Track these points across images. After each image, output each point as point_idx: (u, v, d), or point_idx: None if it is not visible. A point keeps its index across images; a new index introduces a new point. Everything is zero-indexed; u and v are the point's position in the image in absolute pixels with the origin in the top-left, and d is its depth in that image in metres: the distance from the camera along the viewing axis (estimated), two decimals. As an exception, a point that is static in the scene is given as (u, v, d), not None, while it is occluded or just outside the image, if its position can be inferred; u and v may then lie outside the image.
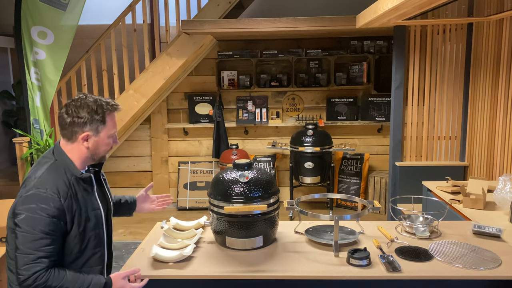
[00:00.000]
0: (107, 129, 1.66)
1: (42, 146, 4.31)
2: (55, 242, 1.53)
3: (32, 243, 1.48)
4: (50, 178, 1.56)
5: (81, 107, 1.61)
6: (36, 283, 1.48)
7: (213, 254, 2.09)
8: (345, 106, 5.45)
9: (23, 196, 1.54)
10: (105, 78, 4.98)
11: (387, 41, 5.23)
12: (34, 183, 1.55)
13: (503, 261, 1.96)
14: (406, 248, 2.10)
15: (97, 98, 1.66)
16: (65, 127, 1.62)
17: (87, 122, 1.61)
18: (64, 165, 1.61)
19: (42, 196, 1.51)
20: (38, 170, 1.60)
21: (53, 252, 1.53)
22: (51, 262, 1.52)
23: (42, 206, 1.50)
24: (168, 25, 4.93)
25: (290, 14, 5.10)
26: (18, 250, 1.49)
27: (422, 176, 3.89)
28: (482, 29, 3.86)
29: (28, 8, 4.20)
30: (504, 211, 2.73)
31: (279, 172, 5.69)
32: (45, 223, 1.49)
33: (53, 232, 1.52)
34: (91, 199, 1.67)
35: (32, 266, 1.48)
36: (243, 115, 5.50)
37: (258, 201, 2.08)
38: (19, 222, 1.50)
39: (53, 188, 1.54)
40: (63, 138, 1.66)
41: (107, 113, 1.65)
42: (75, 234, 1.59)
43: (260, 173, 2.18)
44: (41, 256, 1.49)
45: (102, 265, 1.72)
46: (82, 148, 1.64)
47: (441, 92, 4.19)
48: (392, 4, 2.94)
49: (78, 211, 1.59)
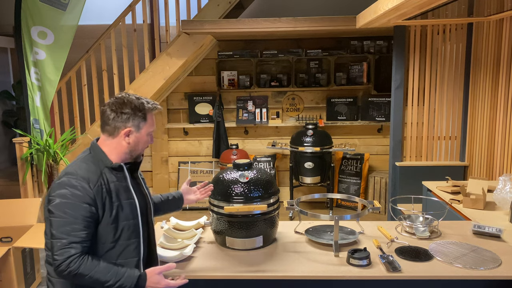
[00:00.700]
0: (147, 127, 1.71)
1: (42, 146, 4.31)
2: (87, 228, 1.56)
3: (64, 228, 1.52)
4: (82, 166, 1.62)
5: (124, 104, 1.66)
6: (69, 269, 1.51)
7: (213, 254, 2.09)
8: (345, 106, 5.45)
9: (55, 183, 1.59)
10: (105, 78, 4.98)
11: (387, 41, 5.23)
12: (66, 170, 1.61)
13: (503, 261, 1.96)
14: (406, 248, 2.10)
15: (140, 97, 1.72)
16: (108, 122, 1.67)
17: (130, 118, 1.66)
18: (97, 157, 1.67)
19: (72, 183, 1.56)
20: (73, 162, 1.68)
21: (85, 238, 1.55)
22: (84, 247, 1.55)
23: (73, 191, 1.55)
24: (168, 25, 4.93)
25: (290, 14, 5.10)
26: (53, 236, 1.53)
27: (422, 176, 3.89)
28: (482, 29, 3.86)
29: (28, 8, 4.20)
30: (504, 211, 2.73)
31: (279, 172, 5.69)
32: (76, 208, 1.54)
33: (85, 217, 1.55)
34: (125, 190, 1.69)
35: (66, 250, 1.51)
36: (243, 115, 5.50)
37: (258, 201, 2.08)
38: (52, 208, 1.55)
39: (83, 175, 1.59)
40: (104, 134, 1.70)
41: (148, 111, 1.70)
42: (107, 221, 1.61)
43: (260, 173, 2.18)
44: (74, 241, 1.52)
45: (138, 257, 1.71)
46: (123, 143, 1.68)
47: (441, 92, 4.19)
48: (392, 4, 2.94)
49: (109, 199, 1.62)
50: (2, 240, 3.41)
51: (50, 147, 4.33)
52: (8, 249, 3.18)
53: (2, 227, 3.45)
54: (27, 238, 3.29)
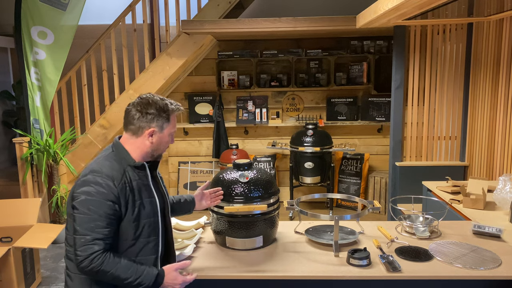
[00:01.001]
0: (170, 127, 1.75)
1: (42, 146, 4.31)
2: (110, 225, 1.58)
3: (88, 224, 1.54)
4: (106, 164, 1.65)
5: (149, 104, 1.70)
6: (92, 265, 1.53)
7: (213, 254, 2.09)
8: (345, 106, 5.45)
9: (80, 180, 1.61)
10: (105, 78, 4.98)
11: (387, 41, 5.23)
12: (91, 168, 1.64)
13: (503, 261, 1.96)
14: (406, 248, 2.10)
15: (162, 97, 1.75)
16: (132, 122, 1.70)
17: (155, 118, 1.69)
18: (120, 155, 1.70)
19: (97, 180, 1.59)
20: (96, 159, 1.70)
21: (108, 235, 1.58)
22: (107, 244, 1.58)
23: (97, 189, 1.57)
24: (168, 25, 4.93)
25: (290, 14, 5.10)
26: (76, 232, 1.56)
27: (422, 176, 3.89)
28: (482, 29, 3.86)
29: (28, 8, 4.20)
30: (504, 211, 2.72)
31: (279, 172, 5.69)
32: (101, 205, 1.56)
33: (108, 214, 1.58)
34: (146, 188, 1.72)
35: (89, 247, 1.53)
36: (243, 115, 5.50)
37: (258, 201, 2.08)
38: (76, 204, 1.57)
39: (108, 172, 1.62)
40: (127, 133, 1.73)
41: (171, 112, 1.74)
42: (129, 219, 1.64)
43: (260, 173, 2.18)
44: (97, 238, 1.55)
45: (156, 255, 1.74)
46: (146, 142, 1.71)
47: (441, 92, 4.19)
48: (392, 4, 2.94)
49: (132, 197, 1.65)
50: (2, 240, 3.41)
51: (50, 147, 4.33)
52: (8, 249, 3.17)
53: (2, 227, 3.45)
54: (27, 238, 3.29)
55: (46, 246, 3.19)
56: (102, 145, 4.97)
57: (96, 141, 4.97)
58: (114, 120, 4.95)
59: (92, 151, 4.98)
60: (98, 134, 4.97)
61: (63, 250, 4.34)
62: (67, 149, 4.66)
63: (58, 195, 4.42)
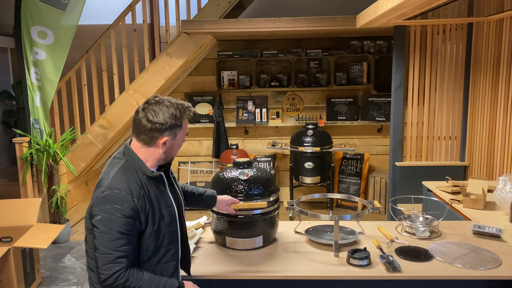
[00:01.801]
0: (182, 132, 1.70)
1: (42, 146, 4.30)
2: (131, 242, 1.56)
3: (110, 244, 1.52)
4: (123, 178, 1.59)
5: (161, 112, 1.61)
6: (116, 283, 1.52)
7: (213, 254, 2.09)
8: (345, 106, 5.45)
9: (98, 198, 1.56)
10: (105, 78, 4.98)
11: (387, 41, 5.23)
12: (108, 184, 1.57)
13: (503, 261, 1.96)
14: (406, 248, 2.10)
15: (173, 101, 1.66)
16: (144, 132, 1.63)
17: (168, 128, 1.63)
18: (135, 165, 1.64)
19: (116, 197, 1.54)
20: (111, 171, 1.63)
21: (130, 252, 1.56)
22: (129, 261, 1.56)
23: (117, 207, 1.53)
24: (168, 25, 4.93)
25: (290, 14, 5.10)
26: (97, 250, 1.54)
27: (422, 176, 3.89)
28: (482, 29, 3.86)
29: (28, 8, 4.20)
30: (504, 211, 2.73)
31: (279, 172, 5.69)
32: (121, 224, 1.53)
33: (129, 232, 1.55)
34: (164, 197, 1.68)
35: (112, 266, 1.52)
36: (243, 115, 5.50)
37: (258, 199, 2.08)
38: (96, 223, 1.54)
39: (126, 188, 1.56)
40: (139, 142, 1.66)
41: (183, 118, 1.67)
42: (150, 232, 1.61)
43: (260, 171, 2.18)
44: (120, 256, 1.52)
45: (176, 260, 1.73)
46: (158, 151, 1.66)
47: (441, 92, 4.19)
48: (392, 4, 2.94)
49: (152, 210, 1.61)
50: (2, 240, 3.41)
51: (50, 147, 4.33)
52: (8, 249, 3.17)
53: (2, 227, 3.45)
54: (27, 238, 3.29)
55: (46, 246, 3.18)
56: (102, 145, 4.97)
57: (96, 141, 4.97)
58: (114, 120, 4.95)
59: (92, 151, 4.98)
60: (98, 134, 4.97)
61: (63, 250, 4.34)
62: (67, 149, 4.65)
63: (58, 195, 4.42)
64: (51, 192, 4.52)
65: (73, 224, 5.00)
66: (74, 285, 3.62)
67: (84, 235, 1.72)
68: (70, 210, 4.87)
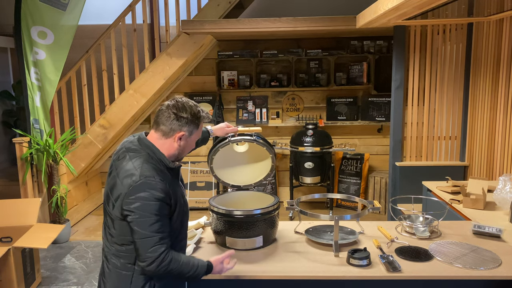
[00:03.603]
0: (197, 134, 1.79)
1: (42, 146, 4.30)
2: (167, 224, 1.66)
3: (151, 227, 1.60)
4: (151, 167, 1.67)
5: (184, 108, 1.72)
6: (162, 264, 1.60)
7: (213, 254, 2.09)
8: (345, 106, 5.45)
9: (132, 186, 1.62)
10: (105, 78, 4.98)
11: (387, 41, 5.23)
12: (140, 172, 1.64)
13: (503, 261, 1.96)
14: (406, 248, 2.10)
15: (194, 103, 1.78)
16: (165, 123, 1.71)
17: (187, 123, 1.72)
18: (156, 157, 1.72)
19: (151, 184, 1.62)
20: (135, 162, 1.69)
21: (167, 233, 1.65)
22: (169, 241, 1.66)
23: (153, 193, 1.61)
24: (168, 25, 4.93)
25: (290, 14, 5.10)
26: (138, 235, 1.60)
27: (422, 176, 3.89)
28: (482, 29, 3.86)
29: (28, 8, 4.20)
30: (504, 211, 2.73)
31: (279, 172, 5.69)
32: (158, 207, 1.61)
33: (165, 214, 1.65)
34: (179, 188, 1.79)
35: (158, 247, 1.60)
36: (243, 115, 5.50)
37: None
38: (135, 209, 1.61)
39: (157, 176, 1.65)
40: (157, 133, 1.73)
41: (201, 120, 1.78)
42: (177, 216, 1.72)
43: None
44: (162, 237, 1.61)
45: (184, 250, 1.84)
46: (174, 145, 1.73)
47: (441, 92, 4.19)
48: (392, 4, 2.94)
49: (174, 196, 1.70)
50: (2, 240, 3.41)
51: (50, 147, 4.33)
52: (8, 249, 3.17)
53: (2, 227, 3.45)
54: (27, 238, 3.29)
55: (46, 246, 3.19)
56: (102, 145, 4.97)
57: (96, 141, 4.97)
58: (114, 120, 4.95)
59: (92, 151, 4.98)
60: (98, 134, 4.97)
61: (63, 250, 4.34)
62: (67, 149, 4.65)
63: (58, 195, 4.42)
64: (51, 192, 4.52)
65: (73, 224, 4.99)
66: (74, 285, 3.62)
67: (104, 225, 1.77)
68: (70, 210, 4.87)
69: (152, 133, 1.76)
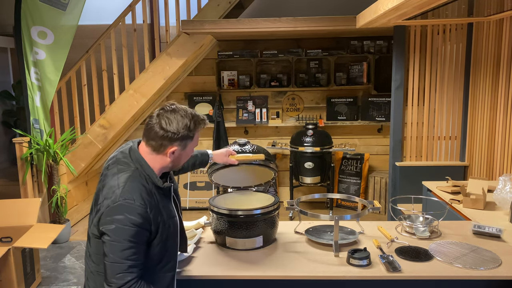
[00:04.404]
0: (192, 144, 1.67)
1: (42, 146, 4.30)
2: (141, 251, 1.55)
3: (122, 253, 1.50)
4: (135, 187, 1.55)
5: (175, 121, 1.58)
6: None
7: (213, 254, 2.09)
8: (345, 106, 5.45)
9: (110, 207, 1.52)
10: (105, 78, 4.98)
11: (387, 41, 5.23)
12: (121, 193, 1.53)
13: (503, 261, 1.96)
14: (406, 248, 2.10)
15: (189, 112, 1.63)
16: (155, 139, 1.60)
17: (179, 138, 1.60)
18: (145, 174, 1.61)
19: (130, 207, 1.51)
20: (120, 178, 1.58)
21: (140, 261, 1.54)
22: (140, 271, 1.54)
23: (130, 217, 1.50)
24: (168, 25, 4.93)
25: (290, 14, 5.10)
26: (108, 258, 1.51)
27: (422, 176, 3.89)
28: (482, 29, 3.86)
29: (28, 8, 4.20)
30: (504, 211, 2.72)
31: (279, 172, 5.69)
32: (133, 233, 1.50)
33: (140, 241, 1.53)
34: (169, 207, 1.67)
35: (125, 275, 1.50)
36: (243, 115, 5.50)
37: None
38: (108, 232, 1.51)
39: (139, 198, 1.54)
40: (148, 147, 1.63)
41: (196, 131, 1.65)
42: (158, 242, 1.61)
43: (258, 148, 2.31)
44: (131, 265, 1.51)
45: (173, 272, 1.73)
46: (166, 160, 1.63)
47: (441, 92, 4.19)
48: (392, 4, 2.94)
49: (162, 220, 1.60)
50: (2, 240, 3.41)
51: (50, 147, 4.33)
52: (8, 249, 3.17)
53: (2, 227, 3.45)
54: (27, 238, 3.29)
55: (46, 246, 3.19)
56: (102, 145, 4.97)
57: (96, 141, 4.97)
58: (114, 120, 4.95)
59: (92, 151, 4.98)
60: (98, 134, 4.97)
61: (63, 250, 4.34)
62: (67, 149, 4.65)
63: (58, 195, 4.42)
64: (51, 192, 4.52)
65: (73, 224, 4.99)
66: (74, 285, 3.62)
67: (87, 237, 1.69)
68: (70, 210, 4.87)
69: (143, 145, 1.64)
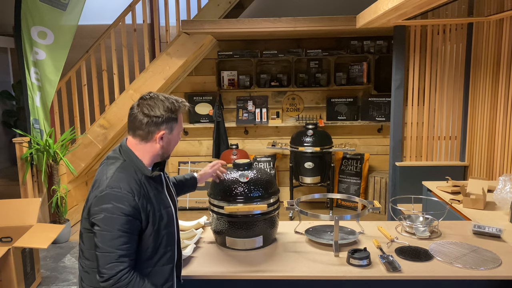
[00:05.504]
0: (178, 127, 1.69)
1: (42, 146, 4.30)
2: (132, 241, 1.55)
3: (112, 242, 1.49)
4: (122, 177, 1.57)
5: (156, 106, 1.61)
6: (119, 283, 1.49)
7: (213, 254, 2.09)
8: (345, 106, 5.45)
9: (97, 197, 1.54)
10: (105, 78, 4.98)
11: (387, 41, 5.23)
12: (108, 183, 1.55)
13: (503, 261, 1.96)
14: (406, 248, 2.10)
15: (167, 96, 1.66)
16: (141, 127, 1.61)
17: (164, 121, 1.61)
18: (134, 165, 1.62)
19: (117, 196, 1.52)
20: (109, 170, 1.60)
21: (131, 251, 1.54)
22: (131, 261, 1.54)
23: (118, 206, 1.51)
24: (168, 25, 4.93)
25: (290, 14, 5.10)
26: (98, 249, 1.51)
27: (422, 176, 3.89)
28: (482, 29, 3.86)
29: (28, 8, 4.20)
30: (504, 211, 2.73)
31: (279, 172, 5.69)
32: (122, 222, 1.50)
33: (130, 230, 1.53)
34: (162, 198, 1.68)
35: (115, 265, 1.49)
36: (243, 115, 5.50)
37: (258, 201, 2.08)
38: (97, 222, 1.51)
39: (126, 187, 1.54)
40: (135, 138, 1.64)
41: (179, 112, 1.67)
42: (150, 232, 1.60)
43: (260, 173, 2.18)
44: (122, 255, 1.50)
45: (172, 264, 1.72)
46: (156, 146, 1.64)
47: (441, 92, 4.19)
48: (392, 4, 2.94)
49: (152, 210, 1.60)
50: (2, 240, 3.41)
51: (50, 147, 4.33)
52: (8, 249, 3.17)
53: (2, 227, 3.45)
54: (27, 238, 3.29)
55: (46, 246, 3.18)
56: (102, 145, 4.97)
57: (96, 141, 4.97)
58: (114, 120, 4.95)
59: (92, 151, 4.98)
60: (98, 134, 4.97)
61: (63, 250, 4.34)
62: (67, 149, 4.65)
63: (58, 195, 4.42)
64: (51, 192, 4.52)
65: (73, 224, 4.99)
66: (74, 285, 3.62)
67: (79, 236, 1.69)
68: (70, 210, 4.87)
69: (130, 139, 1.65)
